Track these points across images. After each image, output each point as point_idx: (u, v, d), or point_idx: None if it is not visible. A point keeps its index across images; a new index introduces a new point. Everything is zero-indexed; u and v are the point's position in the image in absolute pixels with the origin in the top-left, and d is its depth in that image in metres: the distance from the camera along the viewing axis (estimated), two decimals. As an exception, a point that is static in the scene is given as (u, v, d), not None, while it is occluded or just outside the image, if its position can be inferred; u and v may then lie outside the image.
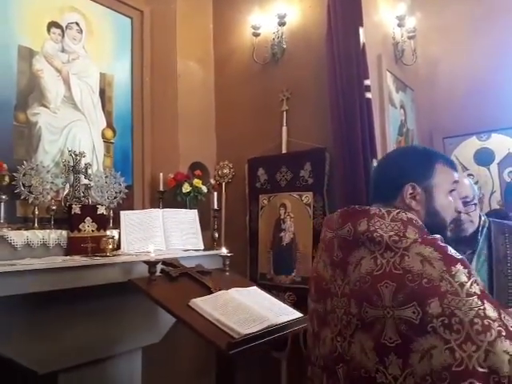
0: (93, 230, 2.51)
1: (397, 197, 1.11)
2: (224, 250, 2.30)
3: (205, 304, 1.71)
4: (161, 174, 3.08)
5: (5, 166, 2.22)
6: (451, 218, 1.13)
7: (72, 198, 2.58)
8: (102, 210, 2.59)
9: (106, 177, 2.79)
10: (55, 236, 2.39)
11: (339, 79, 2.70)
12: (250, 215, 3.22)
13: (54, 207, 2.45)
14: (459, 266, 0.93)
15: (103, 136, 2.93)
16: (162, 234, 2.73)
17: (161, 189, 3.08)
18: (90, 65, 2.89)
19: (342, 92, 2.68)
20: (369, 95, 2.69)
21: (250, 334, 1.56)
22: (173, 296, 1.77)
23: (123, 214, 2.69)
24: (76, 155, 2.63)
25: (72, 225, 2.45)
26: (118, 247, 2.55)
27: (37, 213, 2.38)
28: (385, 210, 1.05)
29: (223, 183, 3.44)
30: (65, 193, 2.58)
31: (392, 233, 1.00)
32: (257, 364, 2.86)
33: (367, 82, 2.70)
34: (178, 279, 1.96)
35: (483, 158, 3.51)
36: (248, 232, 3.20)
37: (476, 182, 3.53)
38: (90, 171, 2.70)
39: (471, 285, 0.91)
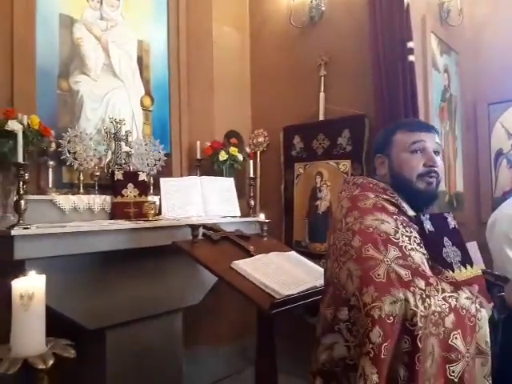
0: (135, 196, 2.59)
1: (375, 168, 1.38)
2: (262, 216, 2.32)
3: (246, 266, 1.75)
4: (198, 142, 3.11)
5: (52, 132, 2.30)
6: (416, 173, 1.26)
7: (114, 165, 2.65)
8: (143, 177, 2.66)
9: (146, 144, 2.84)
10: (99, 201, 2.48)
11: (381, 42, 2.61)
12: (285, 184, 3.22)
13: (97, 173, 2.53)
14: (354, 212, 1.19)
15: (142, 104, 2.97)
16: (201, 201, 2.77)
17: (198, 157, 3.12)
18: (128, 32, 2.90)
19: (383, 55, 2.59)
20: (412, 58, 2.59)
21: (290, 295, 1.59)
22: (215, 258, 1.82)
23: (163, 180, 2.74)
24: (117, 123, 2.68)
25: (115, 190, 2.53)
26: (159, 213, 2.62)
27: (82, 178, 2.46)
28: (353, 180, 1.35)
29: (258, 152, 3.44)
30: (107, 160, 2.66)
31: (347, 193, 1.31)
32: (293, 329, 2.92)
33: (410, 45, 2.59)
34: (218, 242, 2.00)
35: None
36: (283, 200, 3.22)
37: (522, 150, 3.38)
38: (130, 139, 2.75)
39: (353, 224, 1.17)
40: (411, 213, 1.26)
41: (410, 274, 1.05)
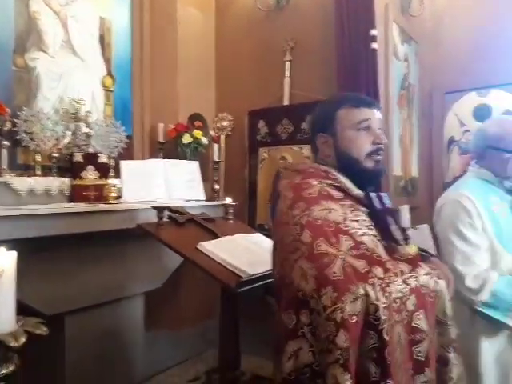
0: (95, 178, 2.52)
1: (317, 147, 1.28)
2: (228, 199, 2.34)
3: (212, 247, 1.76)
4: (161, 125, 3.06)
5: (8, 109, 2.19)
6: (364, 152, 1.21)
7: (73, 146, 2.56)
8: (103, 159, 2.59)
9: (107, 126, 2.76)
10: (58, 183, 2.40)
11: (346, 28, 2.66)
12: (249, 168, 3.24)
13: (55, 155, 2.44)
14: (300, 203, 1.11)
15: (103, 84, 2.87)
16: (164, 184, 2.75)
17: (161, 139, 3.07)
18: (89, 8, 2.78)
19: (348, 42, 2.64)
20: (375, 46, 2.65)
21: (256, 274, 1.62)
22: (181, 240, 1.82)
23: (124, 163, 2.68)
24: (76, 102, 2.59)
25: (74, 173, 2.45)
26: (121, 196, 2.57)
27: (39, 160, 2.37)
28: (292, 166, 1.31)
29: (222, 135, 3.42)
30: (65, 141, 2.56)
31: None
32: (254, 310, 2.98)
33: (374, 32, 2.65)
34: (184, 225, 2.00)
35: (481, 113, 3.51)
36: (247, 184, 3.24)
37: (473, 139, 3.56)
38: (90, 119, 2.66)
39: (300, 217, 1.09)
40: (357, 192, 1.21)
41: (366, 263, 1.02)
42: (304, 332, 1.01)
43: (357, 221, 1.11)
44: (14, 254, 0.87)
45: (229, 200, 2.34)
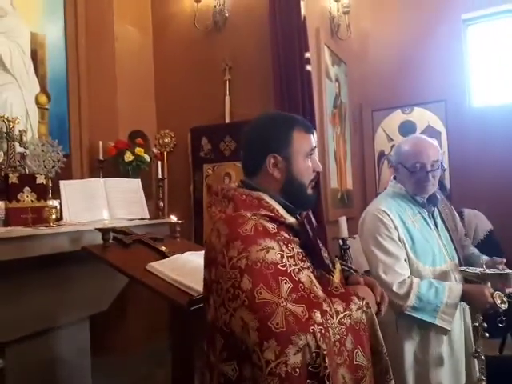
0: (32, 200, 2.42)
1: (261, 167, 1.18)
2: (174, 218, 2.35)
3: (162, 267, 1.77)
4: (100, 143, 3.00)
5: None
6: (309, 179, 1.21)
7: (7, 167, 2.44)
8: (41, 180, 2.49)
9: (43, 145, 2.65)
10: (-9, 207, 2.27)
11: (281, 51, 2.80)
12: (194, 184, 3.27)
13: (-13, 176, 2.31)
14: (236, 243, 1.04)
15: (37, 101, 2.77)
16: (106, 204, 2.69)
17: (100, 158, 3.00)
18: (20, 23, 2.68)
19: (284, 63, 2.79)
20: (309, 68, 2.83)
21: (208, 292, 1.65)
22: (129, 261, 1.80)
23: (63, 183, 2.59)
24: (9, 121, 2.47)
25: (9, 195, 2.33)
26: (61, 217, 2.49)
27: (-31, 182, 2.23)
28: (222, 191, 1.19)
29: (165, 152, 3.42)
30: (-1, 161, 2.44)
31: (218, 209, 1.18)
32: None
33: (307, 55, 2.83)
34: (130, 246, 1.98)
35: (406, 129, 3.85)
36: (192, 201, 3.26)
37: (400, 152, 3.88)
38: (24, 139, 2.55)
39: (238, 260, 1.02)
40: (291, 220, 1.17)
41: (305, 308, 1.01)
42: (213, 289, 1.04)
43: (292, 256, 1.09)
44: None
45: (174, 218, 2.35)
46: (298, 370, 0.95)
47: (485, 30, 3.75)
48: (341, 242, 2.89)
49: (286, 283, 1.02)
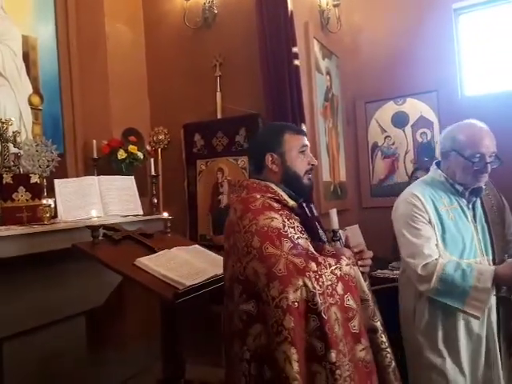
0: (27, 200, 2.47)
1: (263, 165, 1.51)
2: (165, 214, 2.40)
3: (150, 262, 1.83)
4: (94, 141, 3.05)
5: None
6: (304, 170, 1.51)
7: (1, 168, 2.50)
8: (35, 179, 2.54)
9: (37, 145, 2.70)
10: (-14, 206, 2.33)
11: (269, 46, 2.83)
12: (188, 180, 3.31)
13: (-18, 177, 2.37)
14: (248, 214, 1.36)
15: (30, 102, 2.82)
16: (100, 201, 2.75)
17: (95, 156, 3.06)
18: (11, 26, 2.73)
19: (272, 59, 2.81)
20: (297, 62, 2.85)
21: (193, 285, 1.71)
22: (118, 257, 1.86)
23: (57, 182, 2.66)
24: (2, 123, 2.53)
25: (4, 195, 2.39)
26: (55, 216, 2.55)
27: (-36, 183, 2.29)
28: (239, 182, 1.58)
29: (159, 149, 3.47)
30: (-7, 162, 2.49)
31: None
32: (198, 321, 3.05)
33: (295, 50, 2.85)
34: (121, 242, 2.03)
35: (399, 120, 3.86)
36: (187, 196, 3.31)
37: (393, 143, 3.90)
38: (18, 139, 2.61)
39: (250, 226, 1.34)
40: (292, 203, 1.47)
41: (303, 260, 1.29)
42: (262, 319, 1.28)
43: (293, 227, 1.39)
44: None
45: (166, 214, 2.41)
46: (296, 303, 1.23)
47: (476, 18, 3.73)
48: (331, 234, 2.93)
49: (287, 242, 1.32)
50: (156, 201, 3.09)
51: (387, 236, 3.23)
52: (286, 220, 1.38)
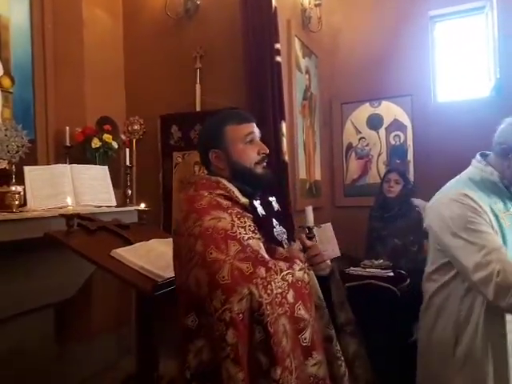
0: (-5, 186, 2.36)
1: (210, 162, 1.39)
2: (142, 205, 2.35)
3: (127, 253, 1.78)
4: (67, 128, 2.95)
5: None
6: (254, 161, 1.37)
7: (-32, 152, 2.37)
8: (4, 165, 2.43)
9: (6, 129, 2.58)
10: (-50, 192, 2.21)
11: (252, 41, 2.82)
12: (163, 172, 3.26)
13: None
14: (192, 215, 1.23)
15: (0, 84, 2.69)
16: (72, 190, 2.65)
17: (67, 144, 2.96)
18: (-19, 3, 2.59)
19: (254, 54, 2.81)
20: (279, 59, 2.86)
21: (171, 277, 1.67)
22: (93, 247, 1.80)
23: (27, 169, 2.55)
24: (-30, 104, 2.40)
25: (-30, 180, 2.28)
26: (25, 204, 2.44)
27: None
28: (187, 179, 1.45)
29: (134, 140, 3.39)
30: (-42, 145, 2.36)
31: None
32: (172, 315, 3.01)
33: (277, 46, 2.86)
34: (96, 233, 1.97)
35: (374, 122, 3.95)
36: (161, 189, 3.25)
37: (367, 145, 3.98)
38: (-14, 123, 2.49)
39: (193, 228, 1.21)
40: (243, 200, 1.34)
41: (251, 265, 1.15)
42: (204, 332, 1.17)
43: (243, 227, 1.25)
44: None
45: (142, 205, 2.36)
46: (241, 315, 1.10)
47: (452, 26, 3.86)
48: (307, 231, 2.96)
49: (234, 245, 1.19)
50: (130, 192, 3.03)
51: (359, 234, 3.32)
52: (235, 219, 1.25)
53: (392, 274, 2.65)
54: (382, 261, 2.80)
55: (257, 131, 1.41)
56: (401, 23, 3.77)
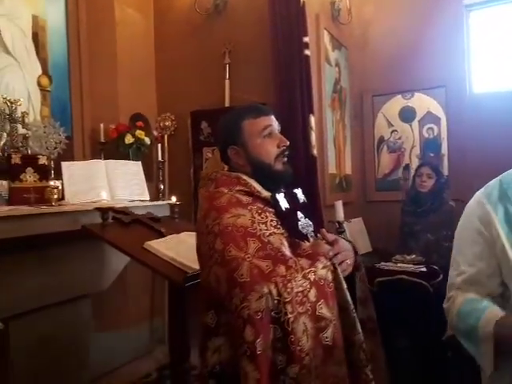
0: (35, 181, 2.48)
1: (229, 158, 1.37)
2: (173, 199, 2.40)
3: (159, 245, 1.84)
4: (101, 125, 3.05)
5: None
6: (273, 156, 1.33)
7: (10, 148, 2.49)
8: (43, 161, 2.54)
9: (45, 126, 2.70)
10: (-5, 186, 2.33)
11: (280, 35, 2.81)
12: (194, 167, 3.31)
13: (-9, 157, 2.37)
14: (212, 212, 1.22)
15: (39, 84, 2.81)
16: (107, 185, 2.75)
17: (102, 140, 3.06)
18: (20, 6, 2.71)
19: (282, 48, 2.80)
20: (307, 52, 2.84)
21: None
22: (127, 240, 1.87)
23: (65, 164, 2.66)
24: (11, 103, 2.52)
25: (12, 175, 2.39)
26: (62, 198, 2.55)
27: (-27, 162, 2.29)
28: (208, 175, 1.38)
29: (165, 135, 3.47)
30: (1, 142, 2.49)
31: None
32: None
33: (306, 40, 2.84)
34: (130, 225, 2.04)
35: (406, 115, 3.86)
36: (193, 183, 3.31)
37: (399, 138, 3.90)
38: (26, 120, 2.60)
39: (213, 226, 1.20)
40: (265, 194, 1.31)
41: (270, 263, 1.13)
42: (224, 330, 1.17)
43: (264, 222, 1.24)
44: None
45: (174, 199, 2.41)
46: (259, 313, 1.07)
47: (487, 15, 3.71)
48: (337, 225, 2.95)
49: (253, 243, 1.17)
50: (162, 186, 3.10)
51: (391, 229, 3.27)
52: (256, 215, 1.23)
53: (425, 269, 2.60)
54: (414, 256, 2.74)
55: (275, 124, 1.37)
56: (434, 12, 3.65)
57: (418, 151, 3.81)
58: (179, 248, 1.87)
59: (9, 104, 2.50)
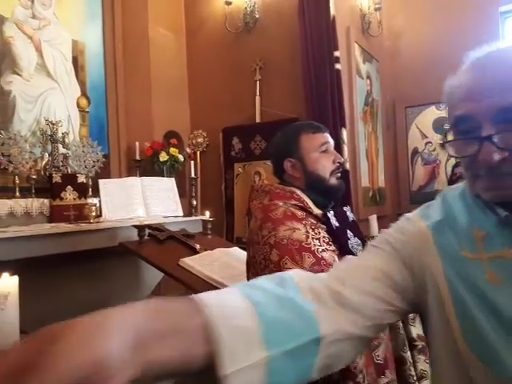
0: (74, 198, 2.57)
1: (284, 171, 1.38)
2: (207, 215, 2.43)
3: (193, 262, 1.86)
4: (137, 143, 3.14)
5: (-15, 135, 2.22)
6: (329, 171, 1.36)
7: (51, 168, 2.60)
8: (82, 179, 2.64)
9: (84, 146, 2.82)
10: (37, 204, 2.43)
11: (310, 50, 2.82)
12: (225, 183, 3.35)
13: (34, 176, 2.47)
14: (268, 224, 1.22)
15: (78, 105, 2.93)
16: (142, 202, 2.81)
17: (137, 157, 3.14)
18: (61, 31, 2.85)
19: (313, 63, 2.81)
20: (338, 66, 2.83)
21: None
22: (163, 256, 1.90)
23: (102, 182, 2.74)
24: (53, 124, 2.64)
25: (53, 193, 2.49)
26: (100, 215, 2.63)
27: (17, 182, 2.40)
28: (261, 187, 1.40)
29: (198, 152, 3.53)
30: (44, 162, 2.60)
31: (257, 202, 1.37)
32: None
33: (337, 54, 2.84)
34: (164, 242, 2.08)
35: (441, 126, 3.76)
36: (224, 199, 3.34)
37: (434, 149, 3.81)
38: (67, 140, 2.72)
39: (268, 237, 1.20)
40: (317, 211, 1.33)
41: None
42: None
43: (318, 238, 1.24)
44: (16, 278, 0.95)
45: (207, 215, 2.44)
46: None
47: (525, 21, 3.61)
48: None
49: (308, 257, 1.17)
50: (195, 202, 3.14)
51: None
52: (310, 230, 1.23)
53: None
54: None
55: (331, 141, 1.41)
56: (468, 20, 3.58)
57: (453, 163, 3.70)
58: (213, 265, 1.88)
59: (50, 125, 2.63)
